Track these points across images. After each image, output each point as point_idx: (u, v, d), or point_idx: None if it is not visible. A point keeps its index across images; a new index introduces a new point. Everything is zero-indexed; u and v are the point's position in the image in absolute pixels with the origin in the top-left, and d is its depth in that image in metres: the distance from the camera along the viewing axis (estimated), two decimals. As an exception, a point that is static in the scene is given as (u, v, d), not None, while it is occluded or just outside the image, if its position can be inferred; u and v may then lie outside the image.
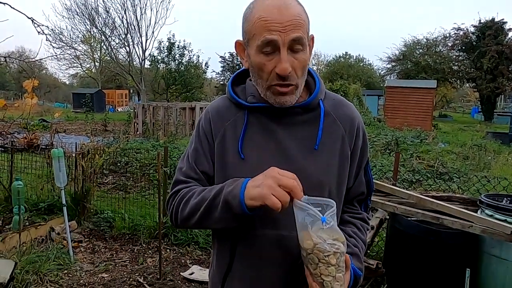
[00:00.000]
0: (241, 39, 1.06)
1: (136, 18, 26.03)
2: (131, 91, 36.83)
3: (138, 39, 26.63)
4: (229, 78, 1.24)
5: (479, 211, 2.96)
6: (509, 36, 25.11)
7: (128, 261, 3.71)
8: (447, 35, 28.22)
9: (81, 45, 31.20)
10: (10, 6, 4.40)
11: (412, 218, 3.03)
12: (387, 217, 3.35)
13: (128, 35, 26.35)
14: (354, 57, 41.63)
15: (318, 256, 0.89)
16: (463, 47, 27.16)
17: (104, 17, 26.14)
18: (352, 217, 1.16)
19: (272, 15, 0.94)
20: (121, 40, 26.90)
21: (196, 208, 1.02)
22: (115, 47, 27.68)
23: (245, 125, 1.07)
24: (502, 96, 33.05)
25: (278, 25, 0.94)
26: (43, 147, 6.50)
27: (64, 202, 3.69)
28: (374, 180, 3.68)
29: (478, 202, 3.06)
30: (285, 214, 0.98)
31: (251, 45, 1.00)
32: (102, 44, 30.68)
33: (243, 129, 1.07)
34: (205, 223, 1.03)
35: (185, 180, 1.10)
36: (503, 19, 25.26)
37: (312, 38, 1.06)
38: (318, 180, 1.04)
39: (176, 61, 26.43)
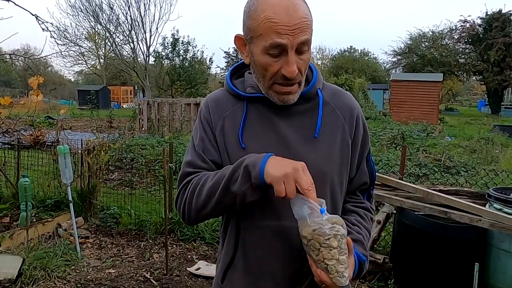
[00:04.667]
0: (242, 33, 1.04)
1: (140, 14, 26.10)
2: (136, 87, 36.89)
3: (142, 35, 26.73)
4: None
5: (487, 205, 2.93)
6: (517, 27, 24.80)
7: (134, 257, 3.73)
8: (453, 27, 27.93)
9: (85, 42, 31.37)
10: (14, 3, 4.41)
11: (419, 213, 3.00)
12: (394, 211, 3.33)
13: (132, 32, 26.43)
14: (359, 51, 41.44)
15: (318, 241, 0.89)
16: (470, 40, 26.84)
17: (108, 13, 26.25)
18: (355, 206, 1.16)
19: (280, 17, 0.92)
20: (125, 37, 26.99)
21: (214, 188, 0.98)
22: (120, 44, 27.80)
23: (245, 115, 1.07)
24: (510, 88, 32.68)
25: (287, 28, 0.92)
26: (49, 144, 6.53)
27: (70, 198, 3.70)
28: (380, 175, 3.62)
29: (486, 196, 3.03)
30: (287, 205, 0.98)
31: (256, 44, 0.98)
32: (106, 41, 30.80)
33: (243, 119, 1.06)
34: (223, 202, 0.99)
35: (193, 171, 1.07)
36: (510, 11, 24.90)
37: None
38: (320, 169, 1.03)
39: (181, 57, 26.42)
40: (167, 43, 26.23)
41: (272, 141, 1.04)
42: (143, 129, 13.78)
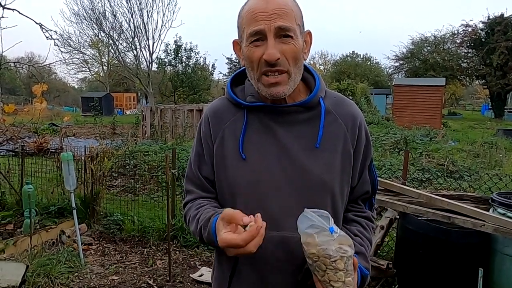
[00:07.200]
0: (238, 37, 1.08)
1: (143, 22, 26.26)
2: (139, 94, 37.05)
3: (145, 42, 26.86)
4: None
5: (491, 210, 2.91)
6: (519, 31, 24.75)
7: (137, 263, 3.73)
8: (455, 32, 27.94)
9: (89, 49, 31.60)
10: (19, 12, 4.47)
11: (423, 218, 2.99)
12: (397, 216, 3.32)
13: (135, 39, 26.58)
14: (361, 56, 41.51)
15: (324, 263, 0.87)
16: (472, 44, 26.83)
17: (111, 21, 26.41)
18: (357, 216, 1.15)
19: (257, 6, 0.97)
20: (128, 44, 27.13)
21: (195, 228, 1.07)
22: (123, 51, 27.93)
23: (245, 125, 1.06)
24: (513, 92, 32.58)
25: (264, 14, 0.96)
26: (53, 151, 6.56)
27: (74, 205, 3.71)
28: (383, 180, 3.61)
29: (490, 201, 3.01)
30: (288, 215, 0.98)
31: (243, 39, 1.02)
32: (110, 48, 30.93)
33: (243, 129, 1.06)
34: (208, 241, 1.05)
35: (190, 190, 1.15)
36: (512, 15, 24.90)
37: (309, 33, 1.06)
38: (321, 179, 1.03)
39: (183, 63, 26.53)
40: (170, 49, 26.38)
41: (273, 151, 1.04)
42: (146, 135, 13.83)
